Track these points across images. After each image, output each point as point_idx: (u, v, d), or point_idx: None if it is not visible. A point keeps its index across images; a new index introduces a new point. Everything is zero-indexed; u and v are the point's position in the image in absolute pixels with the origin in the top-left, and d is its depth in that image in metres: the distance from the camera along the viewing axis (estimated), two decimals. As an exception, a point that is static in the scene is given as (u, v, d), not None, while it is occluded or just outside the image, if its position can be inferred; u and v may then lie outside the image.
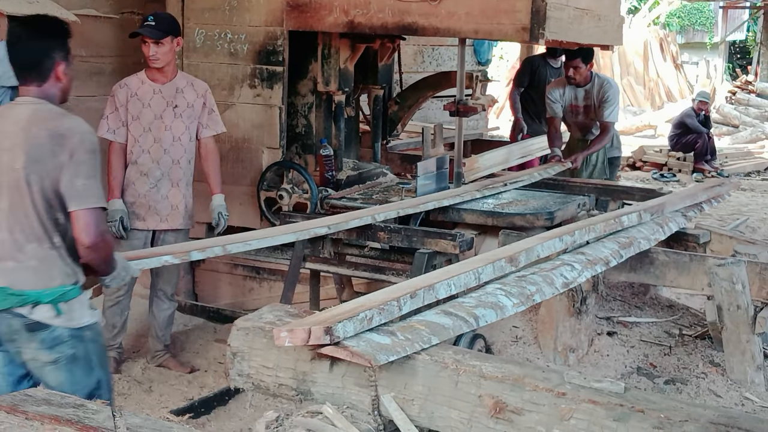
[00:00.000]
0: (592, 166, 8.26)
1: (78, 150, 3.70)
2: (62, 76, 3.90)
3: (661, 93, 23.40)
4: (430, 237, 5.63)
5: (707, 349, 5.81)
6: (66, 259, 3.81)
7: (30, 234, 3.76)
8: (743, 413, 4.73)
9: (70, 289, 3.82)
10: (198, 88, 6.12)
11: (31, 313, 3.76)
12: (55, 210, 3.75)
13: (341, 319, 3.63)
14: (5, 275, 3.78)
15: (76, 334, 3.86)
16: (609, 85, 8.08)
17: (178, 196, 6.08)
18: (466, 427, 3.54)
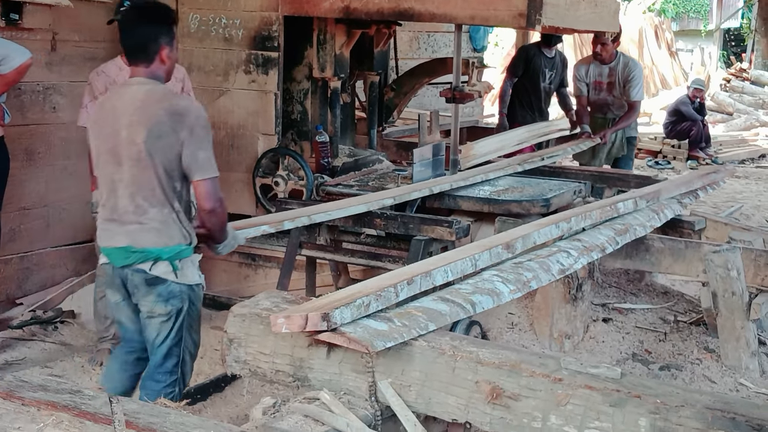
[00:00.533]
0: (611, 144, 8.68)
1: (196, 127, 4.16)
2: (166, 59, 4.29)
3: (655, 80, 23.40)
4: (427, 224, 5.63)
5: (702, 336, 5.82)
6: (182, 221, 4.27)
7: (153, 200, 4.21)
8: (739, 399, 4.74)
9: (185, 248, 4.29)
10: (177, 72, 6.01)
11: (151, 269, 4.26)
12: (173, 179, 4.21)
13: (338, 305, 3.63)
14: (128, 236, 4.25)
15: (186, 291, 4.37)
16: (634, 64, 8.64)
17: None
18: (463, 412, 3.54)
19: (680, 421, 3.22)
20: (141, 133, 4.12)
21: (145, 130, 4.12)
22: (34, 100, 6.92)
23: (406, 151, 7.73)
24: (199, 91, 6.92)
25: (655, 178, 7.57)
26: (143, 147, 4.12)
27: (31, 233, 7.01)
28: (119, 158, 4.21)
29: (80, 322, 6.76)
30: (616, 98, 8.65)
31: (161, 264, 4.25)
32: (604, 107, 8.75)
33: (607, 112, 8.76)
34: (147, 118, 4.13)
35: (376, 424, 3.57)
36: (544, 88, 9.33)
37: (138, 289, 4.32)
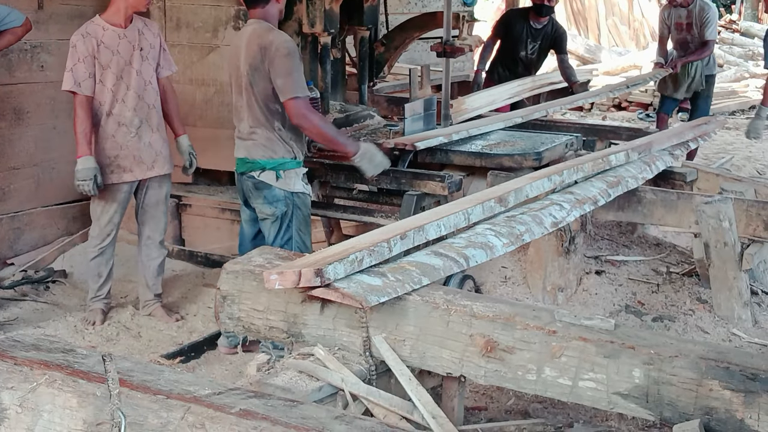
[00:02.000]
0: (690, 78, 9.62)
1: (275, 57, 5.08)
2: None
3: (645, 33, 23.26)
4: (419, 179, 5.62)
5: (694, 287, 5.83)
6: (285, 139, 5.25)
7: (258, 121, 5.23)
8: (733, 348, 4.76)
9: (288, 161, 5.26)
10: (152, 27, 6.06)
11: (259, 176, 5.23)
12: (271, 103, 5.18)
13: (331, 261, 3.63)
14: (245, 149, 5.30)
15: (289, 196, 5.27)
16: (708, 6, 9.55)
17: (160, 141, 6.05)
18: (458, 366, 3.55)
19: (674, 371, 3.24)
20: (246, 66, 5.15)
21: (248, 64, 5.14)
22: (21, 59, 6.87)
23: (397, 107, 7.69)
24: (188, 47, 6.88)
25: (646, 130, 7.55)
26: (246, 78, 5.17)
27: (20, 193, 6.99)
28: (240, 88, 5.25)
29: (72, 281, 6.75)
30: (695, 37, 9.47)
31: (267, 173, 5.21)
32: (685, 45, 9.59)
33: (687, 50, 9.57)
34: (249, 54, 5.13)
35: (371, 379, 3.58)
36: (523, 58, 9.18)
37: (252, 193, 5.31)
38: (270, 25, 5.23)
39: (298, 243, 5.28)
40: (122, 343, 5.77)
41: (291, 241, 5.27)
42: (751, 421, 3.12)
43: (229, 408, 2.75)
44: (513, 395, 4.31)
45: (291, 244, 5.25)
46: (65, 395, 2.90)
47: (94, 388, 2.88)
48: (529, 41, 9.16)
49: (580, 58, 18.53)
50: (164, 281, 6.50)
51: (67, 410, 2.89)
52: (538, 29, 9.13)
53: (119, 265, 6.71)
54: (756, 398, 3.12)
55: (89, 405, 2.86)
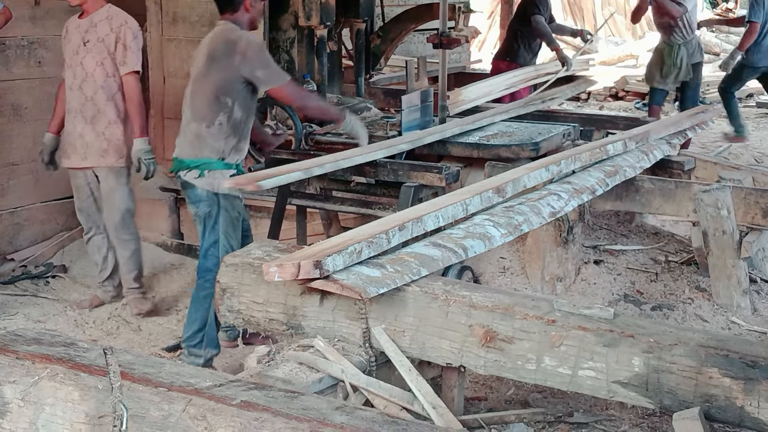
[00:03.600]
0: (677, 68, 9.61)
1: (247, 50, 4.97)
2: (249, 7, 5.14)
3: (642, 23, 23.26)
4: (416, 170, 5.61)
5: (693, 275, 5.84)
6: (218, 137, 5.04)
7: (195, 114, 5.07)
8: (732, 336, 4.77)
9: (213, 162, 5.05)
10: (114, 22, 6.00)
11: (185, 175, 5.07)
12: (222, 95, 4.99)
13: (330, 252, 3.63)
14: (177, 148, 5.18)
15: (212, 197, 5.06)
16: None
17: (92, 135, 6.01)
18: (458, 356, 3.56)
19: (674, 359, 3.25)
20: (203, 57, 5.07)
21: (206, 55, 5.06)
22: (19, 55, 6.88)
23: (394, 98, 7.68)
24: (184, 42, 6.87)
25: (643, 119, 7.55)
26: (202, 69, 5.05)
27: (19, 189, 6.99)
28: (190, 81, 5.16)
29: (72, 276, 6.76)
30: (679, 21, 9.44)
31: (192, 172, 5.06)
32: (668, 29, 9.58)
33: (672, 36, 9.58)
34: (211, 47, 5.06)
35: (371, 370, 3.59)
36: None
37: (183, 193, 5.26)
38: (237, 27, 5.11)
39: (225, 246, 5.07)
40: (123, 337, 5.78)
41: (217, 243, 5.11)
42: (751, 408, 3.14)
43: (230, 400, 2.76)
44: (513, 385, 4.32)
45: (218, 247, 5.10)
46: (67, 389, 2.91)
47: (96, 381, 2.90)
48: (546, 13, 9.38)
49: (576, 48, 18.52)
50: (163, 275, 6.52)
51: (69, 403, 2.90)
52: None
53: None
54: (756, 385, 3.13)
55: (91, 398, 2.87)
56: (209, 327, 5.16)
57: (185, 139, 5.13)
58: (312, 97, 5.40)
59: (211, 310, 5.05)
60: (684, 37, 9.63)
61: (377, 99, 7.81)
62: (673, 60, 9.58)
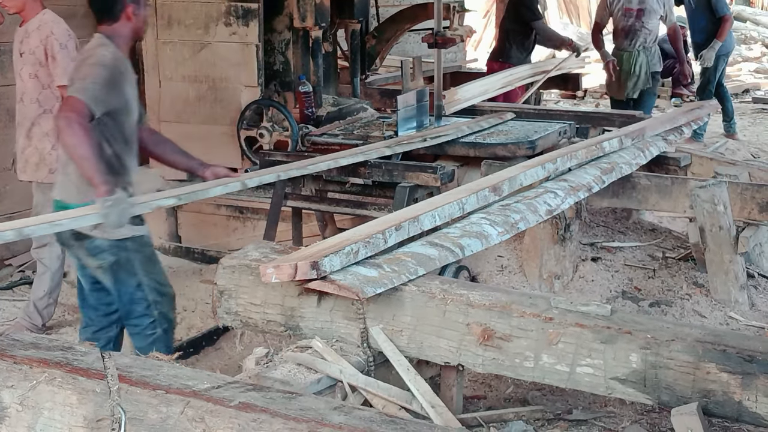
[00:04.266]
0: (636, 76, 9.03)
1: (84, 64, 4.26)
2: (132, 16, 4.40)
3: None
4: (411, 170, 5.61)
5: (691, 271, 5.84)
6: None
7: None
8: (729, 331, 4.77)
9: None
10: (42, 32, 5.67)
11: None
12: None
13: (327, 253, 3.64)
14: (59, 188, 4.39)
15: (116, 245, 4.31)
16: None
17: (29, 148, 5.80)
18: (456, 355, 3.57)
19: (671, 355, 3.25)
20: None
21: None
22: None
23: (389, 99, 7.69)
24: (179, 44, 6.87)
25: (639, 116, 7.56)
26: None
27: (16, 194, 6.97)
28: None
29: (69, 281, 6.75)
30: (645, 25, 8.90)
31: None
32: (632, 34, 8.99)
33: (634, 39, 9.00)
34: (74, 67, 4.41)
35: (369, 370, 3.60)
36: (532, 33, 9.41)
37: (70, 242, 4.37)
38: (106, 42, 4.35)
39: (152, 285, 4.47)
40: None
41: (142, 285, 4.44)
42: (749, 403, 3.14)
43: (228, 401, 2.76)
44: (511, 383, 4.32)
45: (143, 288, 4.45)
46: (65, 392, 2.91)
47: (94, 385, 2.90)
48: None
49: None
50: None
51: (67, 407, 2.90)
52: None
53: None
54: (753, 380, 3.13)
55: (89, 402, 2.87)
56: None
57: (68, 179, 4.30)
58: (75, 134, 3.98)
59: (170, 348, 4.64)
60: (645, 43, 9.11)
61: (373, 99, 7.81)
62: (633, 67, 9.08)
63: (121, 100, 4.30)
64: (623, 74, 9.04)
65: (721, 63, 10.78)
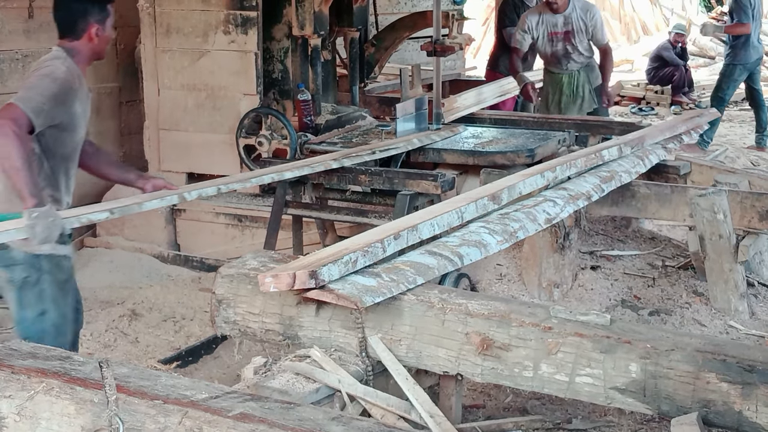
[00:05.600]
0: (580, 99, 8.25)
1: (32, 75, 4.12)
2: (94, 37, 4.27)
3: (637, 27, 23.29)
4: (412, 178, 5.62)
5: (690, 280, 5.84)
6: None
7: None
8: (729, 341, 4.77)
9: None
10: None
11: None
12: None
13: (326, 262, 3.63)
14: None
15: (32, 261, 4.04)
16: (591, 6, 8.09)
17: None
18: (455, 365, 3.56)
19: (671, 364, 3.24)
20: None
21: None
22: (13, 68, 6.88)
23: (388, 107, 7.69)
24: (178, 53, 6.88)
25: (639, 124, 7.55)
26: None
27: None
28: None
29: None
30: (576, 47, 8.08)
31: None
32: (564, 58, 8.16)
33: (568, 63, 8.20)
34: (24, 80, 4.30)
35: (368, 380, 3.59)
36: None
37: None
38: (63, 56, 4.22)
39: (54, 318, 4.16)
40: (120, 349, 5.76)
41: (45, 315, 4.13)
42: (749, 413, 3.13)
43: (226, 412, 2.75)
44: (511, 392, 4.31)
45: (44, 319, 4.13)
46: (63, 402, 2.90)
47: (92, 395, 2.89)
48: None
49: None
50: (160, 287, 6.50)
51: (65, 417, 2.89)
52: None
53: (115, 271, 6.72)
54: (753, 390, 3.12)
55: (87, 412, 2.86)
56: None
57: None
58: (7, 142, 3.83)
59: None
60: (583, 61, 8.26)
61: (372, 107, 7.82)
62: (573, 89, 8.22)
63: (66, 116, 4.14)
64: (564, 98, 8.23)
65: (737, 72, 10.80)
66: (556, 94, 8.27)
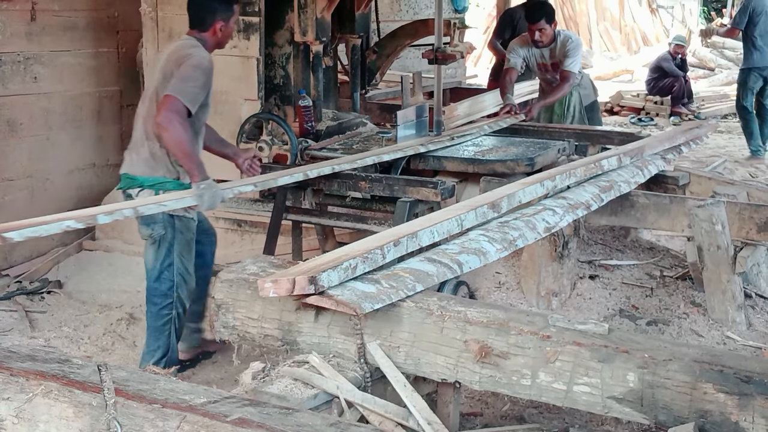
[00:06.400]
0: (570, 116, 8.20)
1: (184, 65, 4.83)
2: (218, 32, 5.12)
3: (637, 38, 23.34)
4: (412, 185, 5.62)
5: (688, 290, 5.84)
6: (171, 157, 4.90)
7: (149, 133, 4.92)
8: (727, 351, 4.77)
9: (169, 181, 4.95)
10: None
11: (137, 194, 4.92)
12: None
13: (325, 268, 3.64)
14: (128, 164, 5.03)
15: (168, 221, 4.97)
16: (571, 39, 7.94)
17: None
18: (453, 372, 3.56)
19: (668, 374, 3.25)
20: (159, 74, 4.94)
21: (161, 72, 4.93)
22: (15, 71, 6.89)
23: (389, 114, 7.69)
24: (179, 57, 6.87)
25: (638, 134, 7.56)
26: (155, 87, 4.93)
27: (15, 204, 6.99)
28: (145, 97, 5.06)
29: (66, 292, 6.75)
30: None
31: (145, 191, 4.92)
32: (555, 83, 8.01)
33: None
34: (166, 63, 4.94)
35: (366, 386, 3.59)
36: None
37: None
38: (197, 44, 5.03)
39: (180, 269, 5.08)
40: (118, 353, 5.77)
41: (172, 267, 5.06)
42: (746, 424, 3.13)
43: (225, 416, 2.75)
44: (508, 401, 4.32)
45: (172, 270, 5.06)
46: (61, 405, 2.91)
47: (90, 398, 2.89)
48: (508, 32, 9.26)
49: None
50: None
51: (63, 420, 2.89)
52: None
53: (114, 275, 6.72)
54: (750, 401, 3.13)
55: (85, 415, 2.87)
56: (172, 351, 5.13)
57: (139, 156, 4.99)
58: (178, 129, 4.72)
59: (172, 336, 5.08)
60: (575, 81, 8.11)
61: (373, 114, 7.82)
62: (564, 107, 8.23)
63: (207, 98, 4.98)
64: (555, 117, 8.25)
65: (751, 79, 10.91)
66: (547, 112, 8.27)
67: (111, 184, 7.41)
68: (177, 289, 5.07)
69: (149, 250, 5.06)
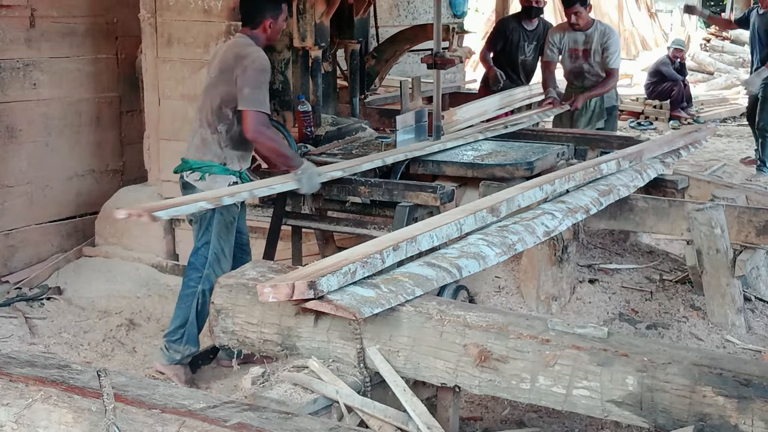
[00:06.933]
0: (590, 112, 8.51)
1: (249, 68, 5.16)
2: (268, 29, 5.43)
3: (636, 42, 23.35)
4: (411, 190, 5.62)
5: (688, 294, 5.84)
6: (221, 144, 5.32)
7: (204, 122, 5.34)
8: (726, 355, 4.77)
9: (215, 166, 5.31)
10: None
11: (188, 176, 5.33)
12: (226, 106, 5.24)
13: (325, 273, 3.64)
14: (184, 150, 5.46)
15: None
16: (611, 31, 8.47)
17: None
18: (452, 376, 3.56)
19: (668, 378, 3.25)
20: (216, 69, 5.34)
21: (218, 67, 5.32)
22: (14, 77, 6.89)
23: (388, 119, 7.70)
24: (179, 63, 6.89)
25: (637, 138, 7.57)
26: (212, 80, 5.33)
27: (14, 210, 6.99)
28: (204, 91, 5.45)
29: (66, 298, 6.75)
30: (593, 66, 8.40)
31: (194, 173, 5.31)
32: (581, 75, 8.50)
33: (584, 80, 8.50)
34: (223, 59, 5.32)
35: (366, 391, 3.59)
36: (523, 62, 9.33)
37: (180, 193, 5.35)
38: (251, 42, 5.36)
39: (216, 249, 5.34)
40: (117, 359, 5.77)
41: (208, 245, 5.33)
42: (745, 427, 3.13)
43: (224, 421, 2.75)
44: (508, 405, 4.32)
45: (208, 247, 5.33)
46: (60, 411, 2.91)
47: (89, 404, 2.89)
48: (525, 44, 9.25)
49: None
50: (159, 297, 6.50)
51: (62, 426, 2.89)
52: (532, 30, 9.24)
53: (113, 281, 6.73)
54: (749, 404, 3.13)
55: (84, 420, 2.87)
56: (190, 324, 5.32)
57: (193, 142, 5.40)
58: (269, 138, 5.26)
59: (192, 309, 5.31)
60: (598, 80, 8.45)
61: (372, 119, 7.82)
62: (586, 103, 8.45)
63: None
64: (576, 112, 8.47)
65: None
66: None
67: (110, 190, 7.42)
68: (209, 267, 5.32)
69: (194, 228, 5.41)
